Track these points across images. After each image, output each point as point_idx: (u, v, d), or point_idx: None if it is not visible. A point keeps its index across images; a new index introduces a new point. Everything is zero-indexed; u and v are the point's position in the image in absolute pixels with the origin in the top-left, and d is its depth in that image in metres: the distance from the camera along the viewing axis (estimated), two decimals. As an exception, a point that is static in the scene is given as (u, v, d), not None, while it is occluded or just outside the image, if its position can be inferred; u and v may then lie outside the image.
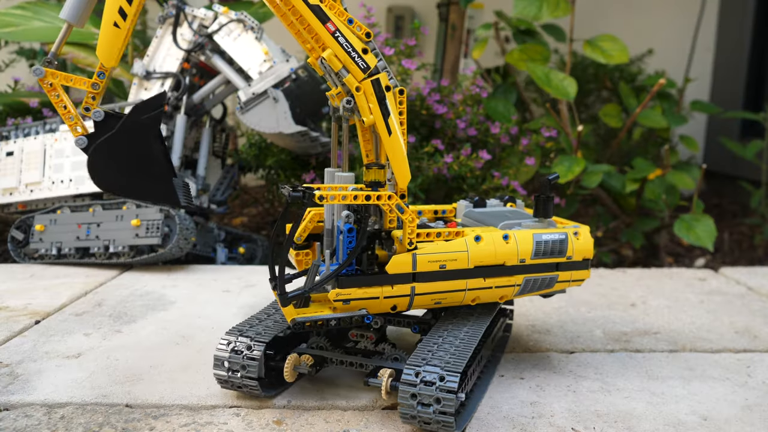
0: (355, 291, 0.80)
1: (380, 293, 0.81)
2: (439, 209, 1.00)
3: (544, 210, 0.90)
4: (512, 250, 0.86)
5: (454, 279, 0.84)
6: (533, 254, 0.87)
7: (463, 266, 0.84)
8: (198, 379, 0.91)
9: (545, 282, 0.89)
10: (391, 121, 0.79)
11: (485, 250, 0.85)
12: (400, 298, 0.82)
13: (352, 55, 0.76)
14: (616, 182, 1.70)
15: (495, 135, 1.63)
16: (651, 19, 2.69)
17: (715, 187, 2.72)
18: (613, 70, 2.31)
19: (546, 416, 0.84)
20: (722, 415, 0.85)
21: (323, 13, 0.75)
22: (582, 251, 0.90)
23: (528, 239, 0.87)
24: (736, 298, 1.34)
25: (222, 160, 1.78)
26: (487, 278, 0.86)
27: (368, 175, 0.80)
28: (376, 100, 0.78)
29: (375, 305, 0.82)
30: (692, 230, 1.55)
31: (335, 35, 0.76)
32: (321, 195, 0.76)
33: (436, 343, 0.82)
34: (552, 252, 0.88)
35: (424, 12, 2.64)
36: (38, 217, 1.52)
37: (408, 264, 0.81)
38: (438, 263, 0.82)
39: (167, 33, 1.61)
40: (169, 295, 1.29)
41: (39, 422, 0.79)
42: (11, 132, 1.63)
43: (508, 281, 0.87)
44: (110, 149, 0.71)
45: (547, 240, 0.87)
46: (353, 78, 0.77)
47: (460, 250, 0.84)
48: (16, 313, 1.16)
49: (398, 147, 0.80)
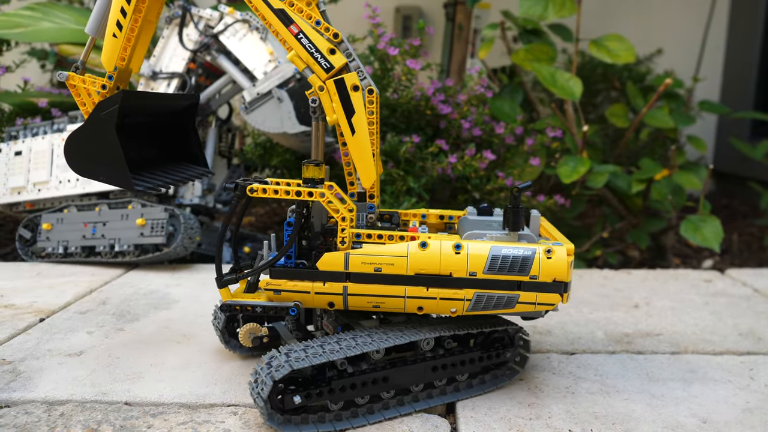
0: (286, 283, 0.82)
1: (311, 288, 0.82)
2: (446, 214, 0.96)
3: (513, 222, 0.82)
4: (461, 262, 0.80)
5: (391, 284, 0.81)
6: (486, 269, 0.80)
7: (400, 272, 0.80)
8: (197, 378, 0.92)
9: (502, 301, 0.81)
10: (355, 120, 0.81)
11: (428, 258, 0.80)
12: (333, 296, 0.82)
13: (315, 55, 0.81)
14: (622, 183, 1.69)
15: (500, 135, 1.63)
16: (660, 18, 2.67)
17: (725, 187, 2.70)
18: (622, 70, 2.29)
19: (543, 417, 0.83)
20: (722, 418, 0.85)
21: (287, 16, 0.80)
22: (552, 272, 0.80)
23: (483, 252, 0.80)
24: (741, 299, 1.33)
25: (228, 159, 1.79)
26: (430, 288, 0.81)
27: (305, 172, 0.82)
28: (339, 99, 0.81)
29: (308, 299, 0.82)
30: (699, 231, 1.53)
31: (298, 37, 0.81)
32: (252, 188, 0.79)
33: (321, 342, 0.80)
34: (511, 269, 0.80)
35: (432, 12, 2.64)
36: (45, 216, 1.53)
37: (339, 263, 0.80)
38: (372, 266, 0.80)
39: (173, 33, 1.62)
40: (173, 293, 1.30)
41: (39, 419, 0.80)
42: (20, 132, 1.64)
43: (454, 294, 0.81)
44: (79, 139, 0.83)
45: (506, 255, 0.80)
46: (317, 77, 0.81)
47: (399, 255, 0.80)
48: (22, 311, 1.17)
49: (362, 146, 0.82)
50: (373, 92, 0.82)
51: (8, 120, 1.81)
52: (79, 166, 0.84)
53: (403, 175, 1.54)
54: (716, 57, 2.70)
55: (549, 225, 0.93)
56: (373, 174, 0.84)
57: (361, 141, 0.82)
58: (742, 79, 2.61)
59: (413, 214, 0.96)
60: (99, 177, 0.84)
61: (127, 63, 0.87)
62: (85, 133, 0.83)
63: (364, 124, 0.82)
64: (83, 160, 0.83)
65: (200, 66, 1.64)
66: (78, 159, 0.84)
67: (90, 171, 0.84)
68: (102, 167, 0.83)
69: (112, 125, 0.81)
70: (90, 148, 0.83)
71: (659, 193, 1.65)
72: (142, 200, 1.49)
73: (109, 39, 0.86)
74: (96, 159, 0.83)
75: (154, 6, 0.87)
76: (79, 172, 0.85)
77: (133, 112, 0.87)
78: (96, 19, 0.87)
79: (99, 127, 0.82)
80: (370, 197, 0.86)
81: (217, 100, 1.69)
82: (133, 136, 0.89)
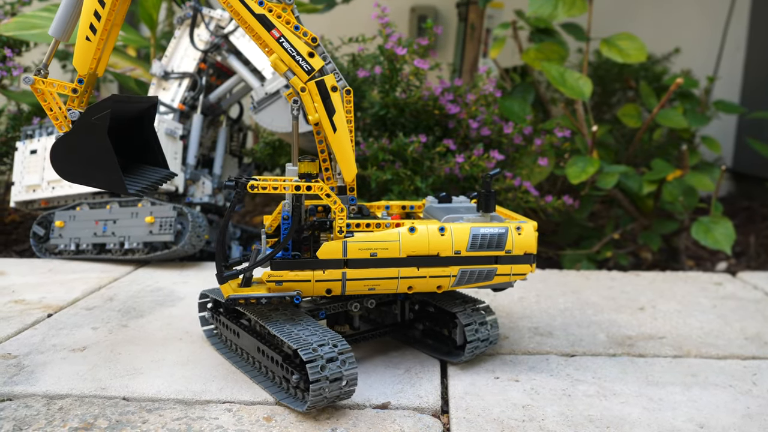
0: (287, 273, 0.86)
1: (312, 277, 0.86)
2: (407, 204, 1.05)
3: (486, 205, 0.93)
4: (447, 242, 0.89)
5: (386, 267, 0.87)
6: (469, 246, 0.89)
7: (394, 255, 0.87)
8: (195, 375, 0.93)
9: (483, 274, 0.91)
10: (336, 118, 0.86)
11: (418, 240, 0.88)
12: (332, 283, 0.87)
13: (296, 58, 0.85)
14: (633, 183, 1.67)
15: (508, 135, 1.62)
16: (678, 16, 2.63)
17: (745, 189, 2.65)
18: (638, 69, 2.27)
19: (537, 420, 0.83)
20: (720, 423, 0.83)
21: (268, 21, 0.84)
22: (523, 246, 0.92)
23: (465, 232, 0.89)
24: (750, 303, 1.30)
25: (239, 158, 1.81)
26: (420, 268, 0.89)
27: (301, 167, 0.86)
28: (320, 100, 0.85)
29: (308, 288, 0.87)
30: (710, 233, 1.51)
31: (280, 41, 0.84)
32: (252, 184, 0.82)
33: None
34: (490, 245, 0.90)
35: (447, 12, 2.63)
36: (58, 213, 1.56)
37: (338, 251, 0.86)
38: (369, 251, 0.87)
39: (185, 34, 1.64)
40: (179, 291, 1.31)
41: (38, 413, 0.82)
42: (35, 131, 1.68)
43: (442, 272, 0.89)
44: (68, 144, 0.84)
45: (484, 233, 0.90)
46: (298, 79, 0.85)
47: (392, 240, 0.87)
48: (31, 307, 1.20)
49: (343, 143, 0.87)
50: (350, 92, 0.88)
51: (26, 119, 1.85)
52: (69, 172, 0.84)
53: (410, 175, 1.55)
54: (736, 56, 2.65)
55: (504, 210, 1.02)
56: (353, 169, 0.89)
57: (342, 138, 0.87)
58: (763, 78, 2.56)
59: (377, 206, 1.03)
60: (91, 182, 0.84)
61: (95, 67, 0.88)
62: (74, 139, 0.83)
63: (344, 122, 0.87)
64: (73, 165, 0.83)
65: (211, 66, 1.65)
66: (67, 165, 0.84)
67: (80, 176, 0.84)
68: (94, 172, 0.83)
69: (104, 130, 0.81)
70: (81, 153, 0.83)
71: (670, 194, 1.63)
72: (152, 198, 1.51)
73: (82, 42, 0.86)
74: (87, 164, 0.83)
75: (123, 9, 0.88)
76: (69, 178, 0.85)
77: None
78: (61, 22, 0.87)
79: (89, 133, 0.82)
80: (350, 190, 0.92)
81: (227, 100, 1.71)
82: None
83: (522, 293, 1.34)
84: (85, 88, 0.88)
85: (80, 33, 0.86)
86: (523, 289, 1.36)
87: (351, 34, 1.82)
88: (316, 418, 0.82)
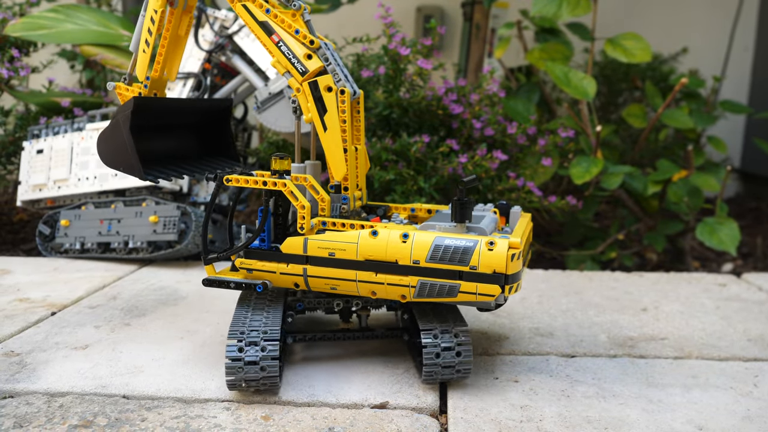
0: (256, 263, 0.90)
1: (277, 269, 0.89)
2: (433, 208, 1.03)
3: (460, 215, 0.86)
4: (406, 250, 0.84)
5: (344, 268, 0.87)
6: (428, 257, 0.84)
7: (351, 257, 0.86)
8: (195, 373, 0.93)
9: (444, 289, 0.84)
10: (327, 118, 0.90)
11: (376, 245, 0.86)
12: (296, 277, 0.89)
13: (292, 61, 0.90)
14: (638, 184, 1.66)
15: (511, 135, 1.62)
16: (686, 16, 2.62)
17: (753, 189, 2.64)
18: (645, 69, 2.26)
19: (534, 420, 0.83)
20: (719, 426, 0.83)
21: (270, 27, 0.90)
22: (492, 264, 0.82)
23: (427, 242, 0.84)
24: (754, 304, 1.30)
25: (243, 158, 1.81)
26: (378, 273, 0.86)
27: (273, 164, 0.90)
28: (313, 99, 0.89)
29: (276, 279, 0.90)
30: (715, 234, 1.50)
31: (278, 45, 0.90)
32: (228, 177, 0.89)
33: None
34: (452, 259, 0.83)
35: (453, 11, 2.63)
36: (64, 212, 1.57)
37: (299, 246, 0.88)
38: (327, 250, 0.87)
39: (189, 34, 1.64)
40: (182, 290, 1.32)
41: (38, 410, 0.83)
42: (42, 130, 1.69)
43: (400, 280, 0.85)
44: (104, 137, 0.97)
45: (448, 245, 0.83)
46: (294, 80, 0.90)
47: (350, 242, 0.87)
48: (35, 305, 1.21)
49: (333, 142, 0.91)
50: (344, 93, 0.90)
51: (33, 119, 1.86)
52: (106, 159, 0.98)
53: (413, 175, 1.55)
54: (744, 56, 2.63)
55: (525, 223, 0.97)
56: (342, 168, 0.92)
57: (332, 137, 0.91)
58: (771, 78, 2.54)
59: (403, 207, 1.04)
60: (119, 168, 0.96)
61: (160, 73, 1.00)
62: (107, 133, 0.96)
63: (335, 121, 0.90)
64: (109, 153, 0.97)
65: (216, 66, 1.66)
66: (104, 153, 0.97)
67: (113, 163, 0.97)
68: (121, 160, 0.95)
69: (126, 125, 0.93)
70: (112, 144, 0.96)
71: (675, 194, 1.62)
72: (156, 198, 1.52)
73: (140, 53, 0.99)
74: (116, 153, 0.96)
75: (183, 23, 1.00)
76: (107, 163, 0.98)
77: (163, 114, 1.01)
78: (136, 38, 1.01)
79: (117, 128, 0.94)
80: (344, 189, 0.94)
81: (231, 100, 1.71)
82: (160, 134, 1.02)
83: (524, 294, 1.34)
84: (151, 91, 1.00)
85: (140, 46, 0.99)
86: (526, 290, 1.36)
87: (357, 34, 1.82)
88: (314, 417, 0.82)
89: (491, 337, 1.10)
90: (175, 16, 0.98)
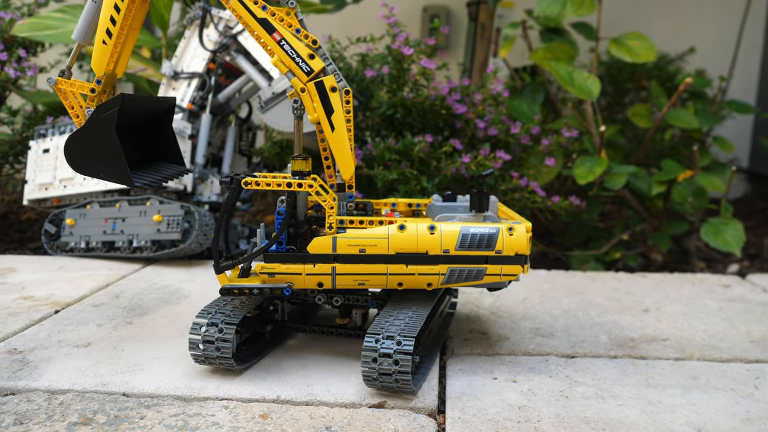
0: (279, 266, 0.90)
1: (302, 270, 0.90)
2: (413, 202, 1.07)
3: (479, 205, 0.94)
4: (436, 241, 0.90)
5: (374, 263, 0.90)
6: (458, 246, 0.90)
7: (382, 252, 0.90)
8: (195, 372, 0.94)
9: (472, 273, 0.92)
10: (334, 118, 0.89)
11: (407, 238, 0.90)
12: (322, 276, 0.90)
13: (296, 60, 0.88)
14: (642, 184, 1.66)
15: (515, 135, 1.61)
16: (693, 15, 2.60)
17: (761, 190, 2.62)
18: (651, 69, 2.24)
19: (532, 421, 0.83)
20: (718, 427, 0.83)
21: (270, 25, 0.88)
22: (514, 246, 0.91)
23: (454, 231, 0.90)
24: (758, 306, 1.29)
25: (248, 158, 1.82)
26: (409, 265, 0.90)
27: (294, 165, 0.90)
28: (319, 100, 0.88)
29: (299, 280, 0.91)
30: (719, 235, 1.50)
31: (280, 43, 0.88)
32: (246, 180, 0.87)
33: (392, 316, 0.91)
34: (479, 245, 0.90)
35: (459, 11, 2.63)
36: (69, 211, 1.58)
37: (328, 246, 0.89)
38: (358, 247, 0.89)
39: (194, 34, 1.65)
40: (185, 289, 1.33)
41: (39, 407, 0.83)
42: (48, 130, 1.70)
43: (431, 270, 0.91)
44: (80, 140, 0.89)
45: (474, 233, 0.90)
46: (299, 80, 0.88)
47: (381, 237, 0.90)
48: (39, 303, 1.22)
49: (341, 141, 0.90)
50: (349, 92, 0.91)
51: (40, 119, 1.88)
52: (80, 165, 0.90)
53: (416, 175, 1.55)
54: (753, 55, 2.62)
55: (505, 208, 1.05)
56: (351, 167, 0.92)
57: (340, 137, 0.90)
58: (779, 78, 2.52)
59: (384, 203, 1.06)
60: (99, 175, 0.90)
61: (113, 68, 0.93)
62: (85, 134, 0.89)
63: (342, 121, 0.90)
64: (84, 159, 0.89)
65: (220, 66, 1.67)
66: (79, 158, 0.90)
67: (90, 169, 0.90)
68: (102, 166, 0.89)
69: (112, 126, 0.87)
70: (90, 148, 0.88)
71: (680, 195, 1.61)
72: (160, 197, 1.53)
73: (99, 46, 0.92)
74: (96, 158, 0.88)
75: (139, 14, 0.93)
76: (79, 170, 0.91)
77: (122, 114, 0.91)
78: (83, 27, 0.93)
79: (99, 128, 0.87)
80: (349, 188, 0.95)
81: (236, 100, 1.72)
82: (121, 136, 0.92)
83: (526, 294, 1.33)
84: (102, 88, 0.93)
85: (97, 37, 0.92)
86: (528, 290, 1.36)
87: (363, 34, 1.82)
88: (312, 416, 0.82)
89: (491, 338, 1.10)
90: (136, 6, 0.92)
